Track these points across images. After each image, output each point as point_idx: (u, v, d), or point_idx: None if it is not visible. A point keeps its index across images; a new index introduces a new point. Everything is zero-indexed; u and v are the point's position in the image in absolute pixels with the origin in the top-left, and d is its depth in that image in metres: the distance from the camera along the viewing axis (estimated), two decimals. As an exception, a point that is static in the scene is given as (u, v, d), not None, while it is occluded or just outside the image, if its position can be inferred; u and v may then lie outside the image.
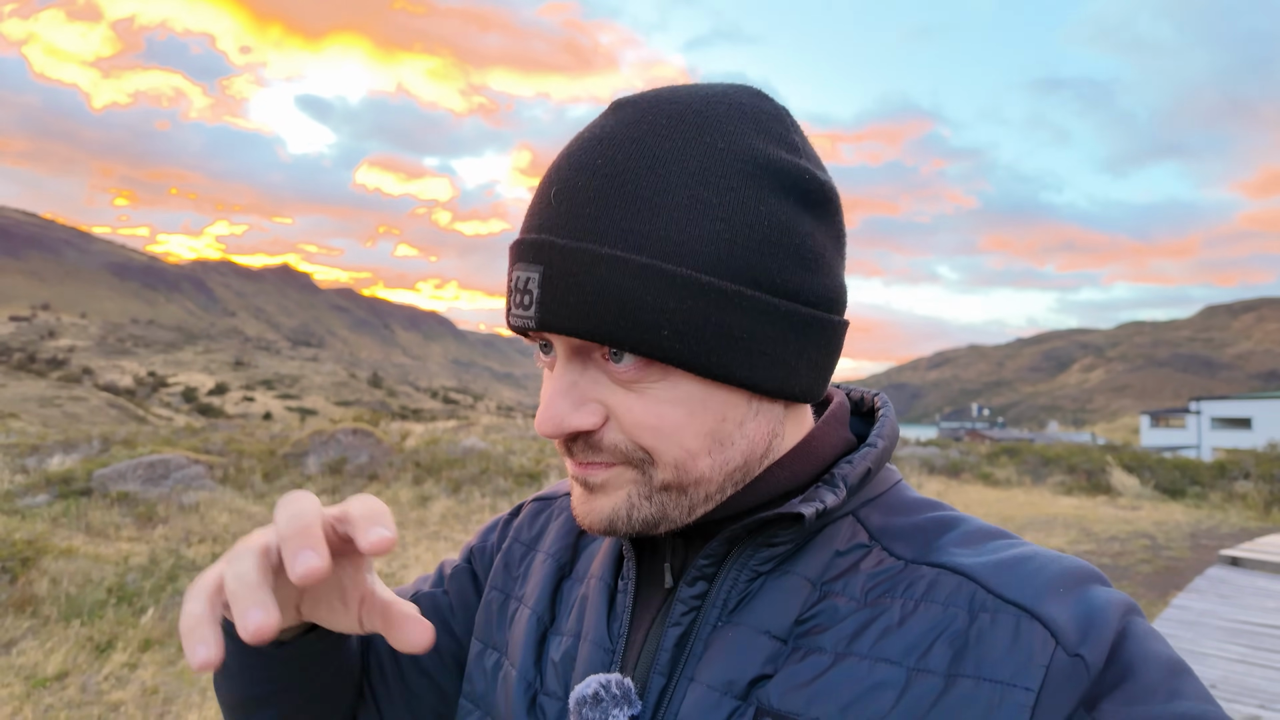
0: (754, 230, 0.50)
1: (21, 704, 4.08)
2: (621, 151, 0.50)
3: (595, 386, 0.52)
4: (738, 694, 0.51)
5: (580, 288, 0.48)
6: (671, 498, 0.53)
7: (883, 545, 0.55)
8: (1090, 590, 0.48)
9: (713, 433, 0.52)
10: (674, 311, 0.48)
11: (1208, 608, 6.27)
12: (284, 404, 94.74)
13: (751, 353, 0.51)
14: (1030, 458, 16.63)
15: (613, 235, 0.48)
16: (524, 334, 0.57)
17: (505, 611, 0.70)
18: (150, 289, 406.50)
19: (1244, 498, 13.11)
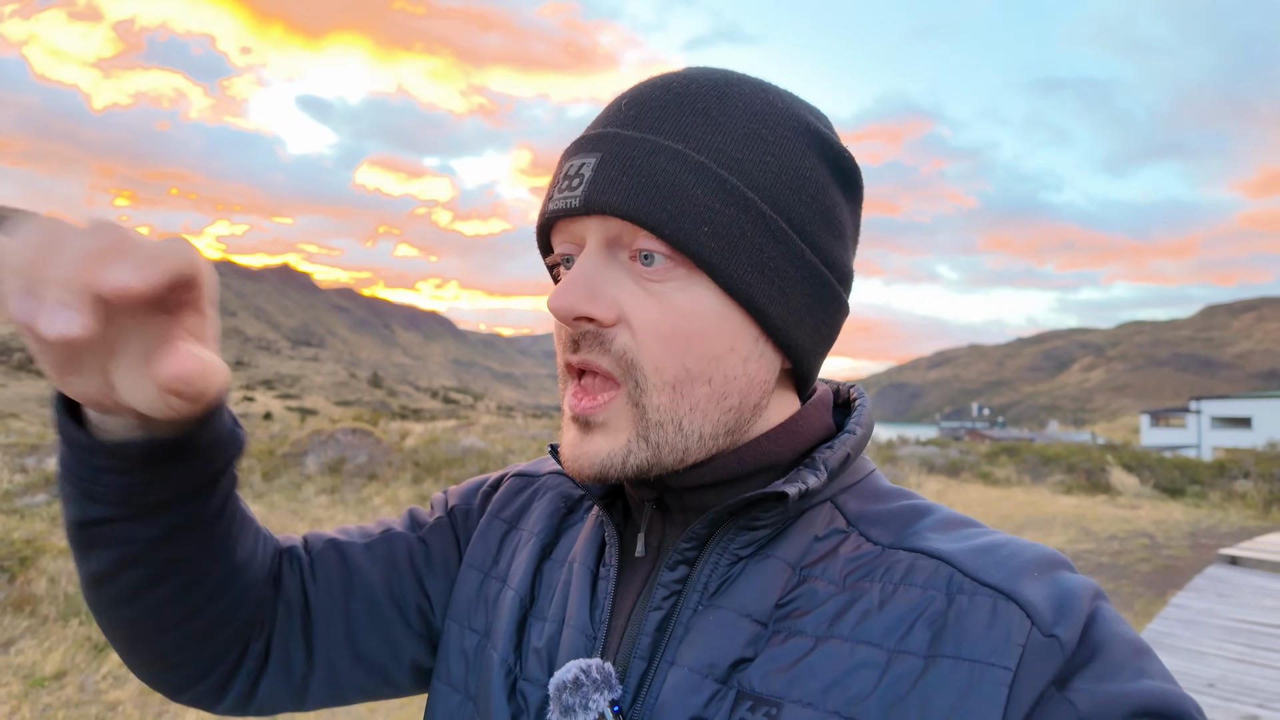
0: (797, 176, 0.54)
1: (20, 703, 4.08)
2: (694, 83, 0.55)
3: (616, 285, 0.52)
4: (718, 677, 0.51)
5: (637, 170, 0.50)
6: (666, 436, 0.53)
7: (860, 531, 0.56)
8: (1061, 575, 0.50)
9: (719, 359, 0.52)
10: (718, 213, 0.50)
11: (1206, 606, 6.27)
12: (284, 404, 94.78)
13: (773, 284, 0.53)
14: (1029, 457, 16.63)
15: (674, 133, 0.52)
16: (546, 243, 0.58)
17: (484, 592, 0.69)
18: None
19: (1243, 497, 13.11)
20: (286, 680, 0.68)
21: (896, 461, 16.78)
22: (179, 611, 0.60)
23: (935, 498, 12.62)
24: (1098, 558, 8.35)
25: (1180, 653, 5.10)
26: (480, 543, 0.72)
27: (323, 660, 0.69)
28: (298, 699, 0.70)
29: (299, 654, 0.68)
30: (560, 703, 0.53)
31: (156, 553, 0.56)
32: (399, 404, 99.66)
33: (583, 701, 0.52)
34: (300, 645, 0.68)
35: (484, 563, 0.70)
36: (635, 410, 0.53)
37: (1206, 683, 4.59)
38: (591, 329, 0.52)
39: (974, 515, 0.61)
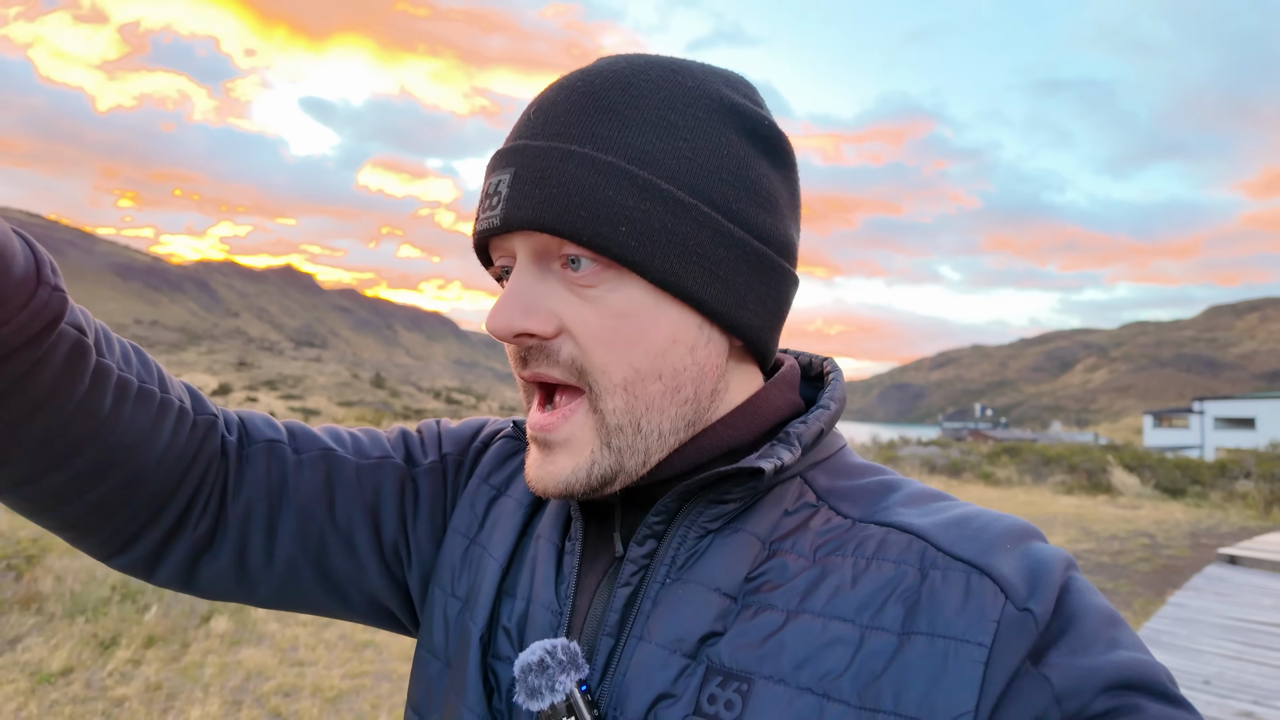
0: (713, 156, 0.53)
1: (27, 699, 4.13)
2: (600, 78, 0.54)
3: (551, 296, 0.53)
4: (687, 652, 0.51)
5: (547, 181, 0.50)
6: (627, 439, 0.53)
7: (830, 505, 0.56)
8: (1033, 546, 0.49)
9: (664, 353, 0.53)
10: (633, 210, 0.50)
11: (1205, 605, 6.29)
12: (287, 404, 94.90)
13: (704, 270, 0.52)
14: (1031, 457, 16.64)
15: (582, 136, 0.51)
16: (486, 259, 0.58)
17: (469, 558, 0.67)
18: (154, 290, 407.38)
19: (1244, 497, 13.11)
20: (238, 566, 0.66)
21: (898, 462, 16.79)
22: (54, 489, 0.56)
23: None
24: (1098, 557, 8.37)
25: (1177, 650, 5.13)
26: (467, 507, 0.70)
27: (283, 558, 0.66)
28: (246, 589, 0.68)
29: (259, 544, 0.66)
30: (526, 685, 0.52)
31: None
32: (402, 404, 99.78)
33: (549, 683, 0.52)
34: (262, 535, 0.66)
35: (469, 528, 0.69)
36: (595, 416, 0.53)
37: (1202, 680, 4.61)
38: (535, 343, 0.53)
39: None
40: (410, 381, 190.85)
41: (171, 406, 0.62)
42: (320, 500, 0.67)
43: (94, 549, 0.63)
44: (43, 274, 0.49)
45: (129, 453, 0.58)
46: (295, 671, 4.70)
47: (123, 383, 0.57)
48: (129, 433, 0.58)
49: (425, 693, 0.66)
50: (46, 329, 0.49)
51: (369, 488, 0.69)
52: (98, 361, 0.55)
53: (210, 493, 0.65)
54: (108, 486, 0.58)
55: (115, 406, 0.56)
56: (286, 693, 4.41)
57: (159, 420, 0.60)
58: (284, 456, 0.68)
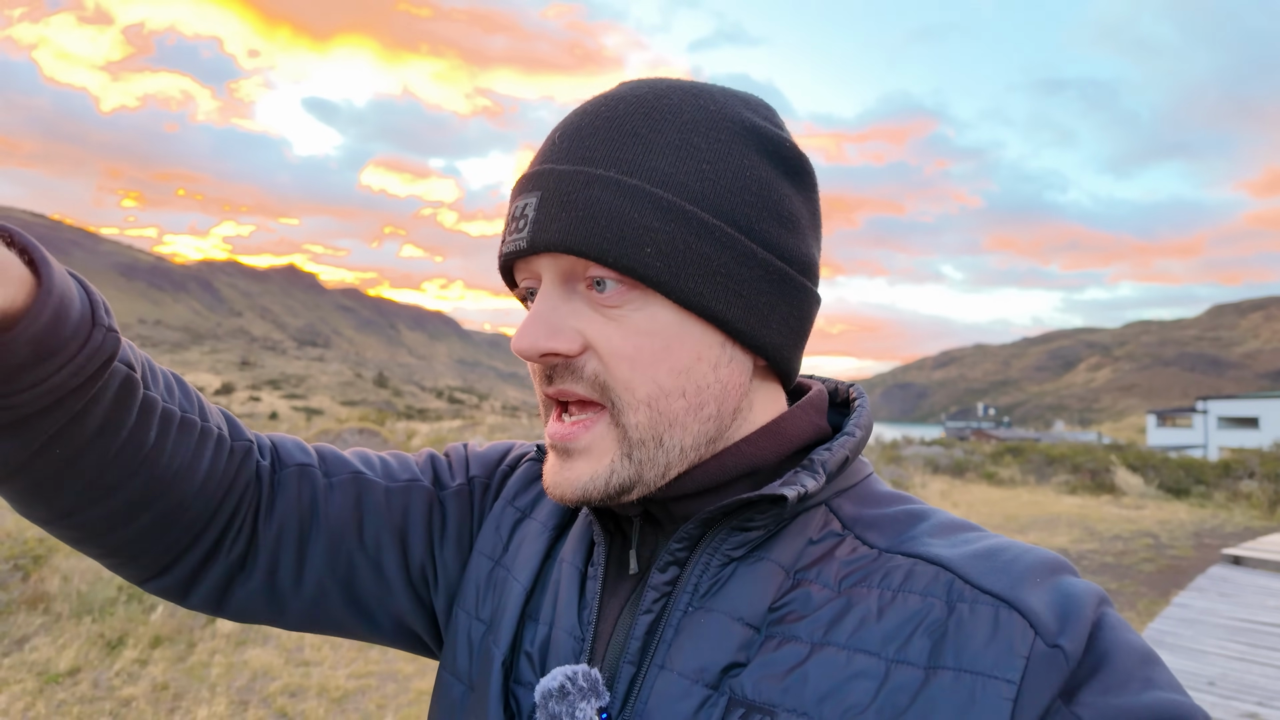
0: (736, 178, 0.54)
1: (34, 699, 4.15)
2: (623, 103, 0.55)
3: (576, 315, 0.54)
4: (709, 682, 0.50)
5: (573, 205, 0.51)
6: (648, 453, 0.53)
7: (855, 534, 0.55)
8: (1064, 580, 0.48)
9: (688, 370, 0.53)
10: (657, 232, 0.51)
11: (1208, 606, 6.28)
12: (290, 404, 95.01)
13: (728, 289, 0.53)
14: (1034, 457, 16.61)
15: (606, 160, 0.52)
16: (510, 280, 0.59)
17: (493, 580, 0.67)
18: (157, 289, 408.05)
19: (1249, 497, 13.09)
20: (269, 588, 0.67)
21: (901, 462, 16.78)
22: (100, 519, 0.57)
23: (939, 498, 12.58)
24: (1101, 558, 8.36)
25: (1181, 651, 5.12)
26: (492, 530, 0.71)
27: (313, 580, 0.68)
28: (275, 611, 0.69)
29: (289, 567, 0.67)
30: (547, 711, 0.52)
31: (35, 466, 0.52)
32: (404, 404, 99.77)
33: (569, 710, 0.51)
34: (293, 558, 0.67)
35: (494, 550, 0.69)
36: (618, 430, 0.53)
37: (1207, 681, 4.61)
38: (561, 361, 0.54)
39: (978, 516, 0.63)
40: (413, 381, 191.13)
41: (211, 435, 0.63)
42: (350, 523, 0.68)
43: (133, 574, 0.64)
44: (97, 316, 0.50)
45: (172, 483, 0.59)
46: (301, 672, 4.71)
47: (167, 414, 0.59)
48: (172, 463, 0.59)
49: (448, 714, 0.65)
50: (101, 369, 0.50)
51: (397, 510, 0.70)
52: (145, 395, 0.56)
53: (245, 517, 0.66)
54: (151, 516, 0.59)
55: (160, 438, 0.58)
56: (292, 693, 4.43)
57: (200, 449, 0.61)
58: (315, 480, 0.69)
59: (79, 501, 0.56)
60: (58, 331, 0.46)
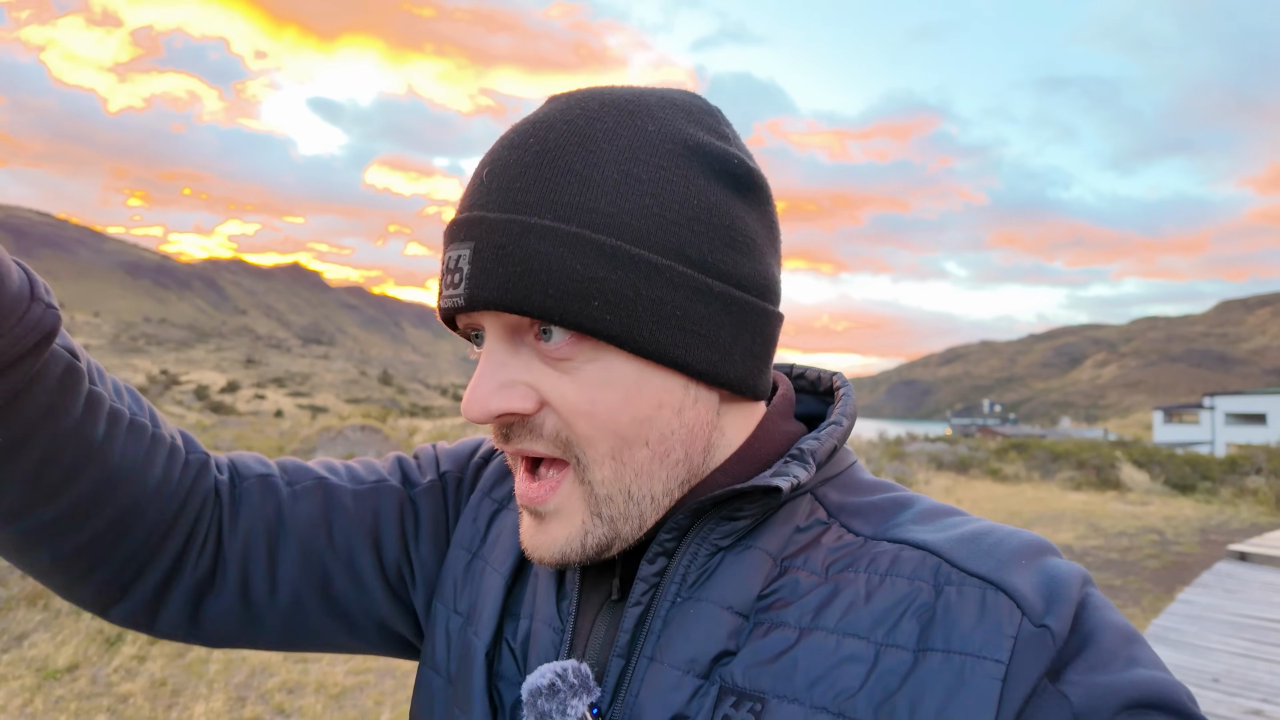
0: (684, 208, 0.50)
1: (33, 695, 4.16)
2: (553, 132, 0.51)
3: (527, 370, 0.51)
4: (700, 672, 0.50)
5: (510, 258, 0.48)
6: (618, 508, 0.52)
7: (841, 522, 0.55)
8: (1049, 561, 0.48)
9: (650, 419, 0.51)
10: (604, 281, 0.48)
11: (1213, 602, 6.24)
12: (295, 401, 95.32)
13: (685, 331, 0.50)
14: (1039, 453, 16.54)
15: (541, 206, 0.48)
16: (451, 323, 0.56)
17: (471, 572, 0.67)
18: (162, 288, 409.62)
19: (1255, 493, 13.02)
20: (242, 603, 0.65)
21: (905, 458, 16.73)
22: (50, 520, 0.55)
23: (943, 494, 12.56)
24: (1106, 554, 8.32)
25: (1185, 648, 5.08)
26: (469, 521, 0.69)
27: (288, 590, 0.66)
28: (252, 628, 0.66)
29: (261, 577, 0.65)
30: (536, 709, 0.51)
31: None
32: (409, 401, 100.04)
33: (560, 707, 0.50)
34: (264, 568, 0.65)
35: (472, 542, 0.68)
36: (584, 487, 0.52)
37: (1211, 678, 4.57)
38: (517, 420, 0.51)
39: (983, 512, 0.63)
40: (418, 378, 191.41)
41: (164, 442, 0.61)
42: (319, 528, 0.67)
43: (89, 597, 0.61)
44: (36, 291, 0.50)
45: (122, 485, 0.57)
46: (299, 668, 4.70)
47: (115, 412, 0.57)
48: (122, 463, 0.57)
49: (428, 709, 0.65)
50: (41, 343, 0.50)
51: (367, 512, 0.69)
52: (90, 389, 0.55)
53: (207, 532, 0.64)
54: (101, 521, 0.57)
55: (108, 435, 0.56)
56: (290, 689, 4.42)
57: (152, 453, 0.60)
58: (277, 489, 0.67)
59: (24, 499, 0.53)
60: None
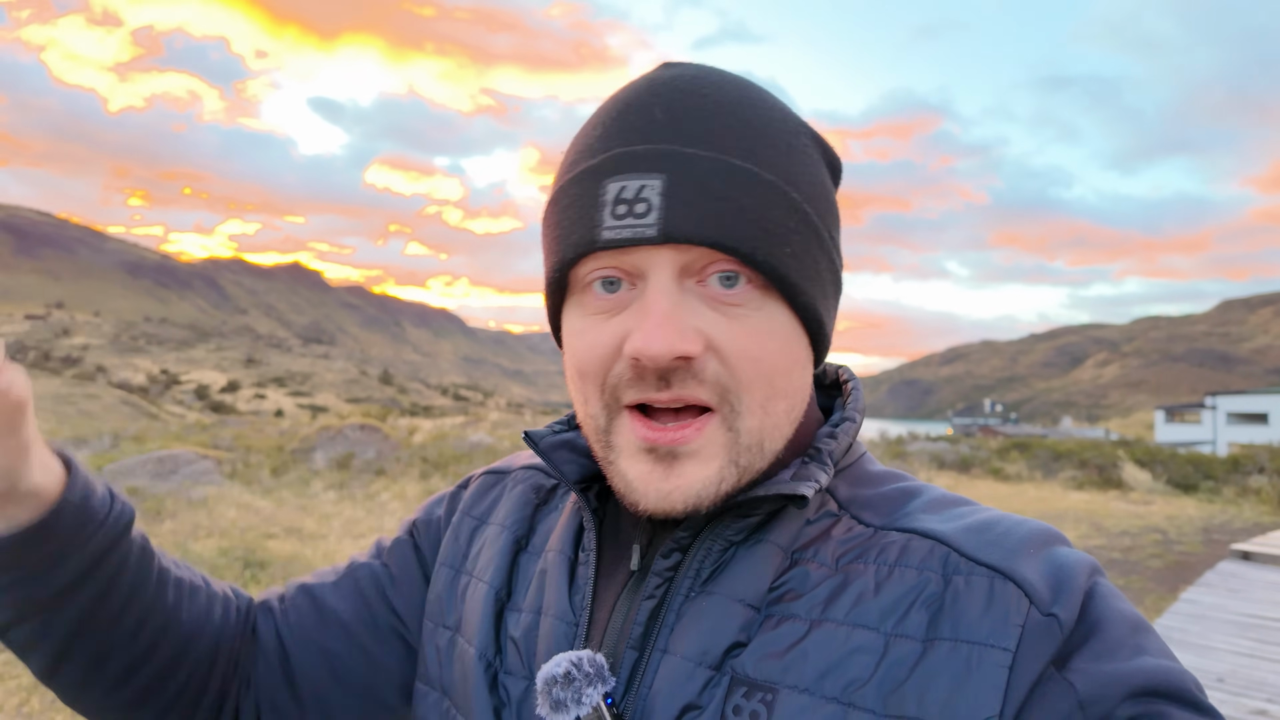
0: (821, 184, 0.54)
1: (30, 695, 4.13)
2: (721, 89, 0.52)
3: (694, 314, 0.50)
4: (712, 664, 0.50)
5: (715, 195, 0.48)
6: (753, 457, 0.52)
7: (851, 514, 0.55)
8: (1057, 550, 0.49)
9: (790, 374, 0.53)
10: (792, 232, 0.50)
11: (1217, 602, 6.20)
12: (295, 401, 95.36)
13: (825, 295, 0.54)
14: (1041, 453, 16.50)
15: (741, 151, 0.49)
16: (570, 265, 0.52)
17: (456, 587, 0.68)
18: (163, 287, 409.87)
19: (1258, 492, 12.98)
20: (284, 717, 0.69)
21: (906, 458, 16.71)
22: (128, 688, 0.62)
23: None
24: (1109, 553, 8.28)
25: (1189, 648, 5.05)
26: (452, 540, 0.71)
27: (310, 698, 0.69)
28: None
29: (285, 699, 0.69)
30: (550, 697, 0.51)
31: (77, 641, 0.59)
32: (409, 401, 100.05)
33: (575, 695, 0.51)
34: (285, 690, 0.69)
35: (455, 559, 0.70)
36: (730, 434, 0.51)
37: (1215, 677, 4.54)
38: (682, 365, 0.49)
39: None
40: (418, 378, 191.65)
41: (216, 597, 0.69)
42: (312, 629, 0.71)
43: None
44: (114, 491, 0.61)
45: (190, 639, 0.65)
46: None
47: (178, 579, 0.66)
48: (188, 620, 0.65)
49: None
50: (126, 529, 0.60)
51: (347, 594, 0.73)
52: (159, 562, 0.64)
53: (245, 665, 0.71)
54: (172, 668, 0.64)
55: (176, 598, 0.64)
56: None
57: (209, 608, 0.68)
58: (272, 609, 0.73)
59: (122, 663, 0.61)
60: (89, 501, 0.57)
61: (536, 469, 0.73)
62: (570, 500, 0.66)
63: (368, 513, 9.39)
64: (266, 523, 8.44)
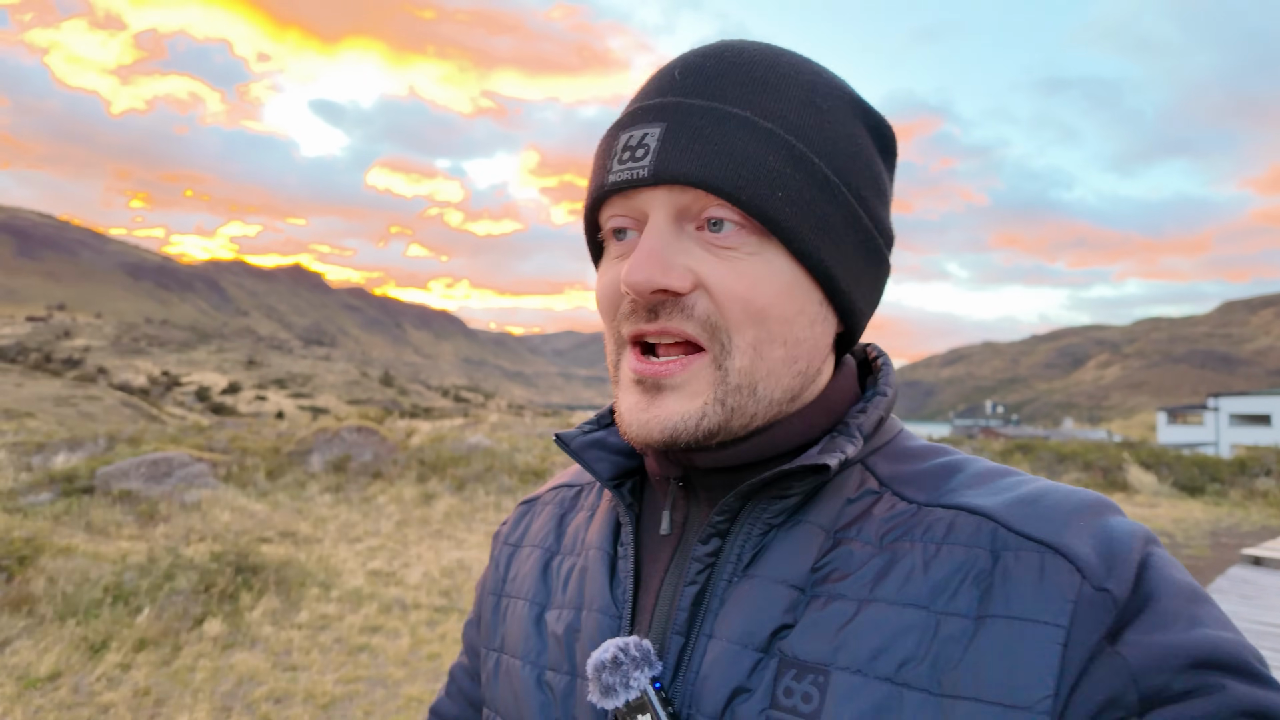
0: (850, 143, 0.55)
1: (12, 704, 4.01)
2: (745, 53, 0.55)
3: (686, 253, 0.52)
4: (759, 646, 0.50)
5: (706, 139, 0.50)
6: (742, 399, 0.52)
7: (893, 490, 0.54)
8: (1109, 521, 0.48)
9: (791, 321, 0.52)
10: (789, 178, 0.51)
11: (1230, 609, 6.07)
12: (296, 403, 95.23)
13: (838, 248, 0.54)
14: (1045, 455, 16.35)
15: (740, 100, 0.52)
16: (595, 211, 0.57)
17: (499, 610, 0.70)
18: (164, 289, 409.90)
19: (1265, 495, 12.84)
20: None
21: (908, 459, 16.52)
22: None
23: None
24: (1115, 557, 8.15)
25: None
26: (493, 570, 0.74)
27: None
28: None
29: None
30: (600, 683, 0.51)
31: None
32: (410, 403, 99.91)
33: (623, 680, 0.51)
34: None
35: (496, 585, 0.72)
36: (717, 373, 0.52)
37: (1232, 688, 4.41)
38: (669, 299, 0.52)
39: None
40: (419, 380, 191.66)
41: None
42: None
43: None
44: None
45: None
46: (288, 676, 4.56)
47: None
48: None
49: None
50: None
51: (455, 695, 0.78)
52: None
53: None
54: None
55: None
56: (278, 699, 4.27)
57: None
58: None
59: None
60: None
61: (563, 486, 0.75)
62: (604, 498, 0.68)
63: (364, 516, 9.27)
64: (261, 526, 8.32)
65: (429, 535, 8.49)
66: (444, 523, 9.10)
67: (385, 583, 6.55)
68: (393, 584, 6.52)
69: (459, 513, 9.61)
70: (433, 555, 7.55)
